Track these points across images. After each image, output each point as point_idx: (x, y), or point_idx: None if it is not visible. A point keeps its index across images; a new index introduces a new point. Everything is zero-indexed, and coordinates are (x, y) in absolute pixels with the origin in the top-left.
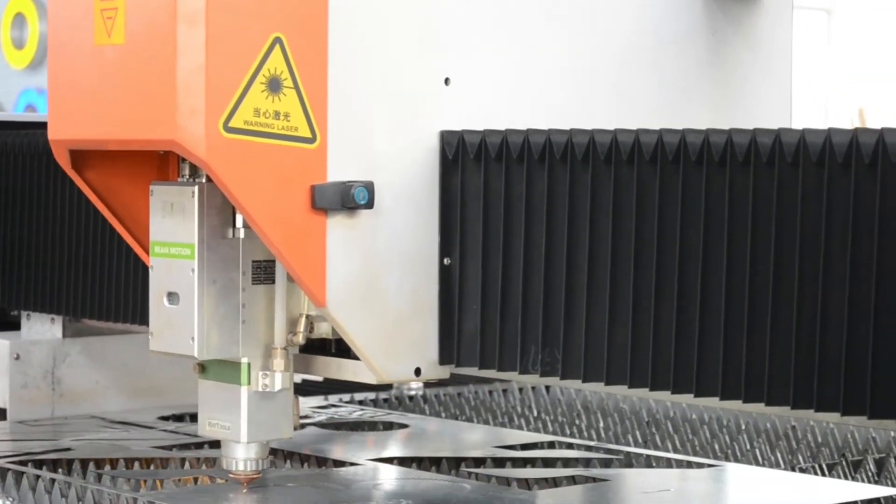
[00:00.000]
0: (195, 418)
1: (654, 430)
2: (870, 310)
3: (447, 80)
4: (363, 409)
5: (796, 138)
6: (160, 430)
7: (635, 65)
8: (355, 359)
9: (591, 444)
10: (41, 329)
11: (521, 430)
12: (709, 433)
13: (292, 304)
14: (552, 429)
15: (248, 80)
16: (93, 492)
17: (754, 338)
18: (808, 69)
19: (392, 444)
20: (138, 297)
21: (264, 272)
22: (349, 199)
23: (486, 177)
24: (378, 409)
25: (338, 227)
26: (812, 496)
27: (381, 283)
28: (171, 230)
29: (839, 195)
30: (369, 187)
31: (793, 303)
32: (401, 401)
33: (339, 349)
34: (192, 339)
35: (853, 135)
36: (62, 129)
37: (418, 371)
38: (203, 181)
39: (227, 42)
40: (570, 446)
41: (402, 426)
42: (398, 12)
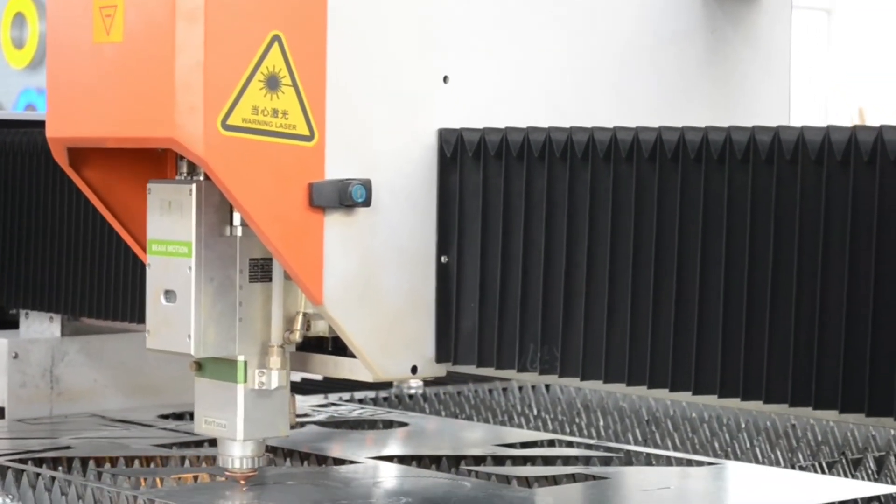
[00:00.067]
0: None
1: (654, 429)
2: (868, 307)
3: (446, 79)
4: (363, 408)
5: (795, 136)
6: (160, 428)
7: (634, 63)
8: (352, 357)
9: (591, 442)
10: (40, 328)
11: (521, 428)
12: (708, 431)
13: (289, 301)
14: (552, 427)
15: (247, 77)
16: (93, 490)
17: (753, 335)
18: (808, 69)
19: (392, 443)
20: (137, 295)
21: (261, 270)
22: (347, 197)
23: (484, 175)
24: (378, 408)
25: (335, 224)
26: (812, 494)
27: (379, 281)
28: (168, 228)
29: (838, 192)
30: (367, 185)
31: (791, 300)
32: (401, 399)
33: (336, 347)
34: (189, 336)
35: (852, 132)
36: (60, 127)
37: (415, 369)
38: (201, 179)
39: (226, 40)
40: (569, 444)
41: (402, 424)
42: (397, 10)
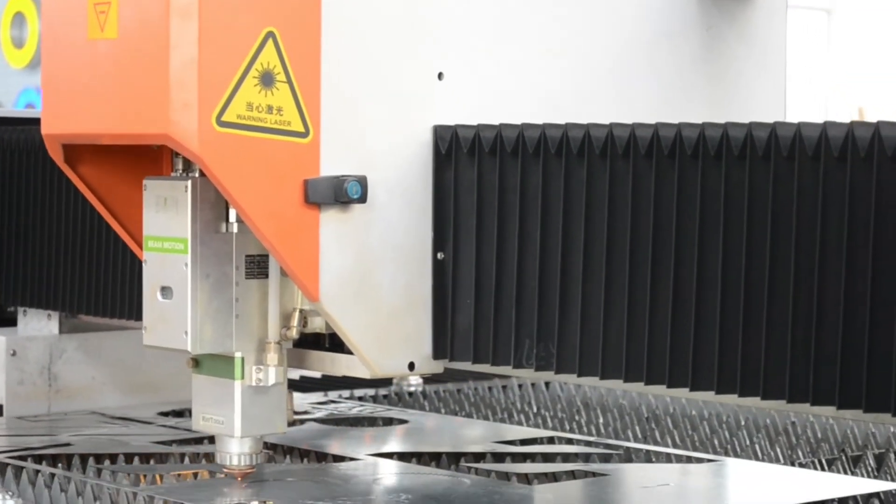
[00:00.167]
0: None
1: (654, 426)
2: (865, 303)
3: (440, 75)
4: (362, 405)
5: (792, 132)
6: (159, 425)
7: (630, 60)
8: (349, 353)
9: (591, 439)
10: (37, 325)
11: (521, 425)
12: (708, 429)
13: (286, 298)
14: (552, 425)
15: (241, 74)
16: (92, 486)
17: (750, 331)
18: (807, 69)
19: (391, 440)
20: (134, 292)
21: (258, 266)
22: (342, 193)
23: (479, 171)
24: (377, 405)
25: (331, 221)
26: (811, 491)
27: (375, 278)
28: (164, 225)
29: (835, 188)
30: (362, 182)
31: (788, 296)
32: (400, 397)
33: (333, 343)
34: (186, 333)
35: (849, 128)
36: (55, 124)
37: (412, 365)
38: (196, 176)
39: (220, 36)
40: (569, 442)
41: (402, 422)
42: (392, 7)
